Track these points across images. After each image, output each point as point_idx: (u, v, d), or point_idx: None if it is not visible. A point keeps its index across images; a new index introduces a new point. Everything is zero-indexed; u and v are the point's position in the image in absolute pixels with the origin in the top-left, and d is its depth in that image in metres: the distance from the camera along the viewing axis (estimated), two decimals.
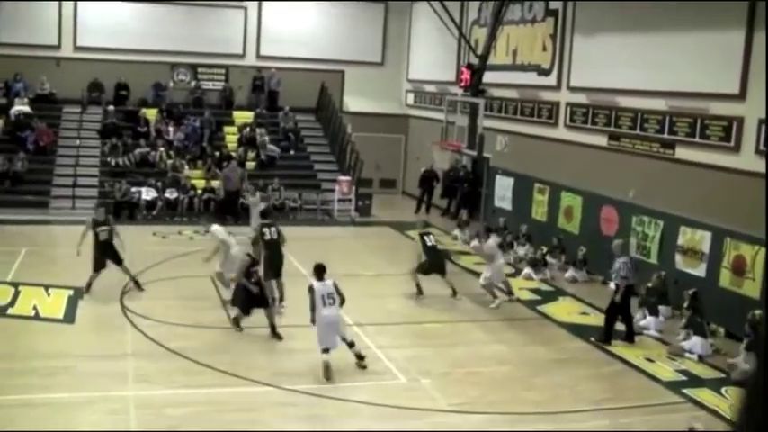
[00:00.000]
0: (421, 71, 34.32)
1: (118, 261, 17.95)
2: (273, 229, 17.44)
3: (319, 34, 34.25)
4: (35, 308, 16.70)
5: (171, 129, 31.26)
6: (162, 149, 30.07)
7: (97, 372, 13.19)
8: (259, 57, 34.19)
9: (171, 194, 27.80)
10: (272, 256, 17.06)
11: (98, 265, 17.68)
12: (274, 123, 32.97)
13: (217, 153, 30.25)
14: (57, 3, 32.15)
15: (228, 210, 27.31)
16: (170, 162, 29.43)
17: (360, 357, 13.95)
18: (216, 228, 18.56)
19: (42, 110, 31.04)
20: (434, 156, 26.30)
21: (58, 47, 32.48)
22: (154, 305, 16.95)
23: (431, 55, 33.33)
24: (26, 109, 30.45)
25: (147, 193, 27.62)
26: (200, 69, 34.00)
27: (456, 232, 25.92)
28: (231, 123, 32.91)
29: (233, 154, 30.44)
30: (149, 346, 14.28)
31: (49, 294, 17.58)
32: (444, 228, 26.95)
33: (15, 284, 18.03)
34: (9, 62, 31.22)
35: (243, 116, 33.20)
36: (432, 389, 13.30)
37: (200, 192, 28.30)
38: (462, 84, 27.57)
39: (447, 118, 25.56)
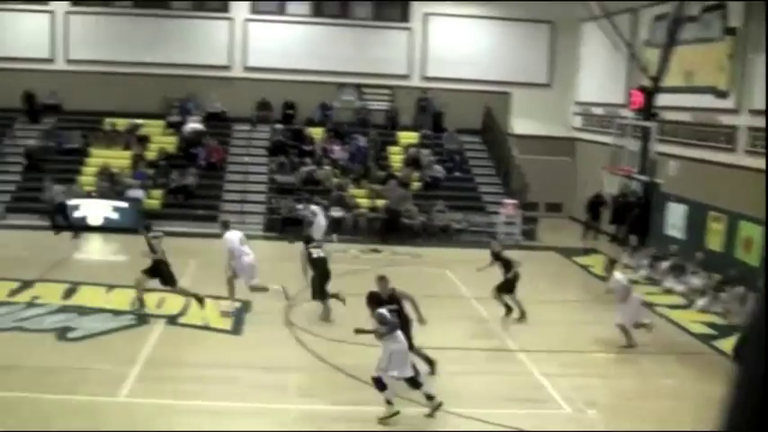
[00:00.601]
0: (589, 93, 33.53)
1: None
2: (319, 249, 18.04)
3: (485, 55, 33.97)
4: (204, 318, 17.07)
5: (336, 147, 31.61)
6: (327, 168, 30.42)
7: (261, 384, 13.32)
8: (424, 78, 34.21)
9: (336, 212, 28.03)
10: (320, 274, 17.54)
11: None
12: (439, 144, 32.89)
13: (381, 173, 30.37)
14: (228, 25, 33.11)
15: (390, 228, 27.33)
16: (335, 180, 29.74)
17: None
18: (228, 235, 18.21)
19: (214, 127, 32.00)
20: (604, 180, 25.57)
21: (229, 67, 33.43)
22: (318, 321, 17.01)
23: (599, 76, 32.50)
24: (198, 126, 31.43)
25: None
26: (365, 89, 34.28)
27: (625, 259, 25.05)
28: (396, 144, 33.02)
29: (397, 174, 30.46)
30: (312, 361, 14.30)
31: (218, 306, 17.97)
32: (612, 254, 26.13)
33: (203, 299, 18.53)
34: (183, 82, 32.38)
35: (407, 136, 33.26)
36: (598, 421, 12.76)
37: (364, 210, 28.45)
38: (633, 106, 26.74)
39: (616, 142, 24.82)
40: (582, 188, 32.12)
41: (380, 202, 28.57)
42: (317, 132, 32.53)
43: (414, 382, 12.46)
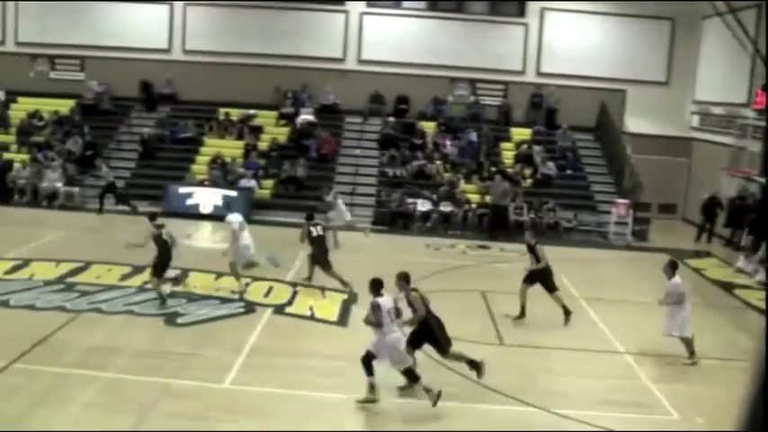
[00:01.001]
0: (708, 92, 32.51)
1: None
2: (319, 227, 19.09)
3: (601, 51, 33.32)
4: (311, 309, 17.25)
5: (448, 142, 31.49)
6: (438, 162, 30.34)
7: (364, 377, 13.25)
8: (539, 74, 33.78)
9: (446, 207, 27.92)
10: (318, 251, 18.76)
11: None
12: (552, 141, 32.47)
13: (492, 169, 30.12)
14: (344, 17, 33.31)
15: (498, 225, 27.08)
16: (446, 175, 29.64)
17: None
18: (231, 217, 18.71)
19: (326, 119, 32.26)
20: (721, 181, 24.77)
21: (343, 59, 33.63)
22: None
23: (720, 74, 31.46)
24: (311, 118, 31.73)
25: (423, 205, 27.94)
26: (478, 84, 34.06)
27: (740, 263, 24.28)
28: (508, 140, 32.72)
29: (509, 170, 30.15)
30: (419, 356, 14.22)
31: (324, 297, 18.18)
32: (727, 258, 25.38)
33: (294, 284, 18.92)
34: (297, 73, 32.74)
35: (520, 133, 32.93)
36: (707, 429, 12.35)
37: (474, 206, 28.27)
38: (756, 106, 25.86)
39: (737, 142, 24.03)
40: (697, 189, 31.21)
41: (489, 198, 28.33)
42: (428, 126, 32.46)
43: (411, 375, 12.39)
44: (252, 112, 32.53)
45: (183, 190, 27.92)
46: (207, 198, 27.99)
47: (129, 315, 16.34)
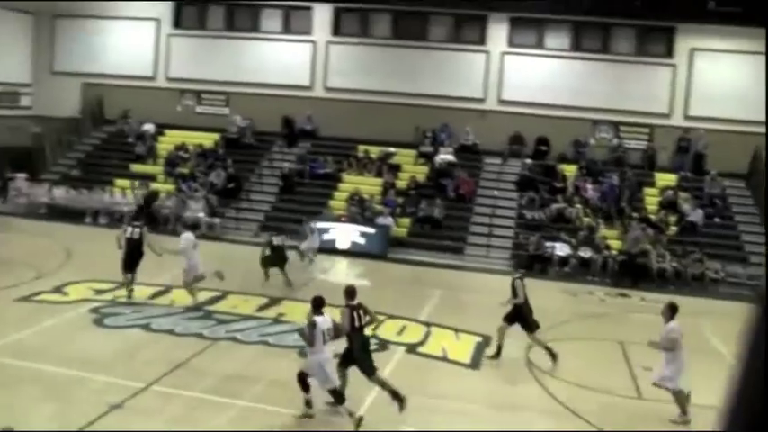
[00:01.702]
0: None
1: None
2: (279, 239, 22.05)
3: (754, 93, 31.53)
4: (443, 349, 16.85)
5: (589, 186, 30.66)
6: (578, 206, 29.55)
7: (498, 421, 12.83)
8: (686, 117, 32.60)
9: (585, 253, 27.10)
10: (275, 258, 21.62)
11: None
12: (699, 188, 31.15)
13: (634, 214, 29.14)
14: (485, 57, 33.01)
15: (630, 272, 26.01)
16: (586, 220, 28.83)
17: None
18: (185, 235, 19.67)
19: (465, 159, 31.91)
20: None
21: (484, 100, 33.28)
22: (559, 363, 16.27)
23: None
24: (450, 158, 31.46)
25: (561, 249, 27.19)
26: (622, 127, 33.12)
27: None
28: (652, 185, 31.62)
29: (652, 217, 29.11)
30: (550, 403, 13.61)
31: (458, 338, 17.76)
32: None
33: (428, 324, 18.55)
34: (436, 112, 32.57)
35: (665, 178, 31.78)
36: None
37: (614, 252, 27.30)
38: None
39: None
40: None
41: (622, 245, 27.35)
42: (569, 169, 31.71)
43: (336, 395, 12.31)
44: (391, 150, 32.51)
45: (320, 225, 28.01)
46: (344, 234, 27.98)
47: (264, 345, 16.39)
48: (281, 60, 34.40)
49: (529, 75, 33.04)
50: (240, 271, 23.07)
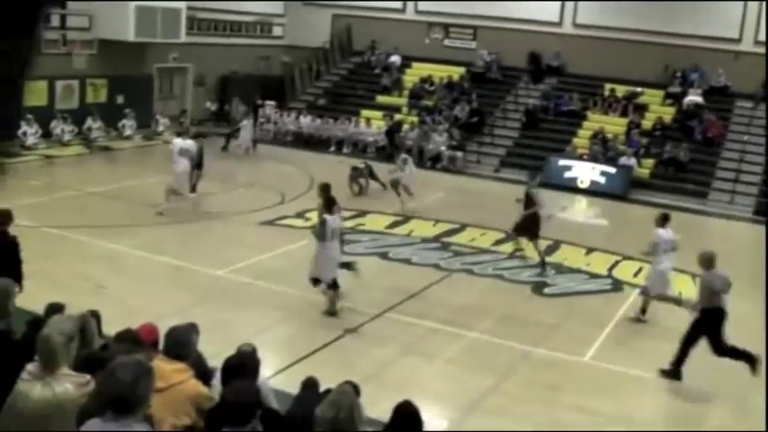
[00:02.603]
0: None
1: None
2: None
3: None
4: (680, 292, 16.46)
5: None
6: None
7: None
8: None
9: None
10: None
11: None
12: None
13: None
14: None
15: None
16: None
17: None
18: (175, 140, 20.27)
19: (714, 102, 30.86)
20: None
21: (739, 40, 31.90)
22: None
23: None
24: (699, 99, 30.56)
25: None
26: None
27: None
28: None
29: None
30: None
31: (695, 283, 17.33)
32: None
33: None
34: (688, 52, 31.51)
35: None
36: None
37: None
38: None
39: None
40: None
41: None
42: None
43: (335, 285, 13.91)
44: (638, 89, 31.91)
45: (562, 162, 28.12)
46: (585, 172, 27.97)
47: (498, 279, 16.92)
48: None
49: None
50: (480, 205, 23.73)
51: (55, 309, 7.31)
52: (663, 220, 14.77)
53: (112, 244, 17.01)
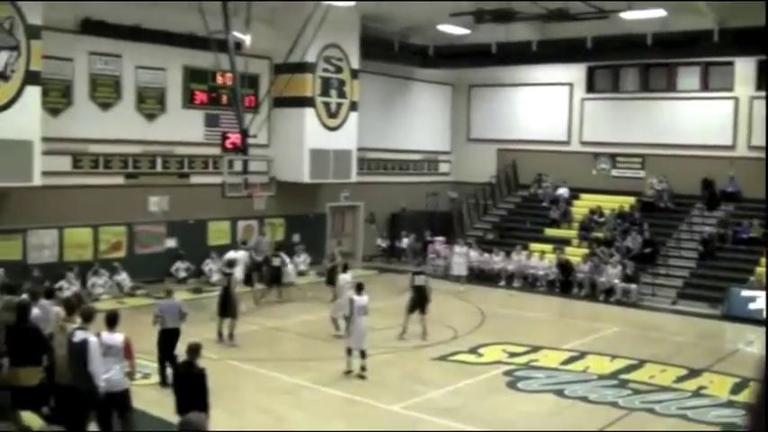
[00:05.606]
0: None
1: None
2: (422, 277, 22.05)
3: None
4: None
5: None
6: None
7: None
8: None
9: None
10: (416, 298, 21.77)
11: None
12: None
13: None
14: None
15: None
16: None
17: (363, 369, 17.44)
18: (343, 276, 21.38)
19: None
20: None
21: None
22: None
23: None
24: None
25: None
26: None
27: None
28: None
29: None
30: None
31: None
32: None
33: None
34: None
35: None
36: None
37: None
38: None
39: None
40: None
41: None
42: None
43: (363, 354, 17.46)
44: None
45: (745, 293, 26.84)
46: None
47: (683, 420, 16.04)
48: (699, 120, 33.48)
49: None
50: (658, 340, 22.88)
51: None
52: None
53: (290, 378, 17.35)
